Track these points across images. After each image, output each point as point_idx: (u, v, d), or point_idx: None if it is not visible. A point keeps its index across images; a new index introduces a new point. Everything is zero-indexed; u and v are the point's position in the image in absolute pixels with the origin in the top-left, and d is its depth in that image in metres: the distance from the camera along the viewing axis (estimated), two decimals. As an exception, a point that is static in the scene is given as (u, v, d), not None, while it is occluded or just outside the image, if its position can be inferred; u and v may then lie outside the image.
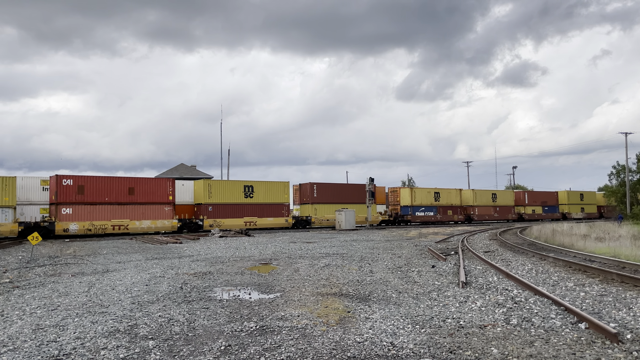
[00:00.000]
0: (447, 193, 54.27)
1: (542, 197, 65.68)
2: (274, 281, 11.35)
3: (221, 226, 36.15)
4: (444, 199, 53.62)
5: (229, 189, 37.55)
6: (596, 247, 18.96)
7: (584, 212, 68.76)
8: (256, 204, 38.63)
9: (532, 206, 63.26)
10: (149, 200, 33.51)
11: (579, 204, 68.71)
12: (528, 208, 62.66)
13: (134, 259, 17.05)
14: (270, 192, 39.49)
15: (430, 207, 51.92)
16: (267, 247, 21.48)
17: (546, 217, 64.48)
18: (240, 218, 37.60)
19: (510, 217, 60.02)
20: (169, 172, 59.74)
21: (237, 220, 37.39)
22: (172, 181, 34.77)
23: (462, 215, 55.11)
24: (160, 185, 34.31)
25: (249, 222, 38.04)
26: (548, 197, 66.36)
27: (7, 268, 14.89)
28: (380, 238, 28.37)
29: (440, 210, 53.01)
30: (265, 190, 39.18)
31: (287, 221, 40.13)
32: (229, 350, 5.84)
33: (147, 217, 33.33)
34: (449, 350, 5.72)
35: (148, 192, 33.52)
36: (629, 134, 58.12)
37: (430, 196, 52.36)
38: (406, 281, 11.12)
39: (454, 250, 18.88)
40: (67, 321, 7.38)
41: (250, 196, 38.39)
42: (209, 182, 36.86)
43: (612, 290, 9.42)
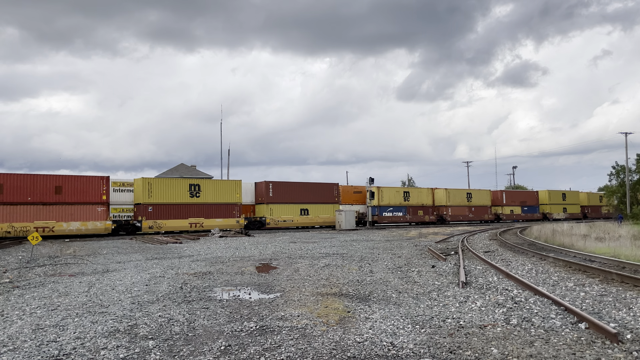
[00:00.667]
0: (417, 192, 52.12)
1: (521, 197, 63.26)
2: (274, 281, 11.35)
3: (162, 228, 33.67)
4: (414, 199, 51.13)
5: (173, 188, 34.80)
6: (596, 247, 18.96)
7: (566, 212, 66.48)
8: (203, 204, 35.90)
9: (511, 206, 60.84)
10: (79, 200, 30.94)
11: (560, 204, 66.42)
12: (506, 208, 60.24)
13: (133, 259, 17.05)
14: (220, 192, 36.91)
15: (399, 207, 49.30)
16: (267, 247, 21.48)
17: (525, 218, 62.05)
18: (184, 219, 35.00)
19: (486, 217, 57.51)
20: (168, 172, 59.76)
21: (181, 222, 34.81)
22: (107, 179, 32.30)
23: (433, 215, 52.74)
24: (93, 184, 31.60)
25: (194, 223, 35.42)
26: (528, 197, 64.02)
27: (7, 268, 14.89)
28: (380, 238, 28.38)
29: (410, 210, 50.54)
30: (214, 189, 36.65)
31: (238, 222, 37.31)
32: (229, 350, 5.84)
33: (76, 218, 30.67)
34: (449, 350, 5.72)
35: (78, 191, 30.91)
36: (629, 134, 58.16)
37: (399, 196, 49.97)
38: (406, 281, 11.12)
39: (454, 250, 18.88)
40: (67, 321, 7.38)
41: (197, 195, 35.68)
42: (149, 180, 33.93)
43: (612, 290, 9.42)
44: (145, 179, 33.65)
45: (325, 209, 43.23)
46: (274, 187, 40.29)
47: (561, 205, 66.24)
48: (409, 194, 50.92)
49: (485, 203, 57.75)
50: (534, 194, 65.01)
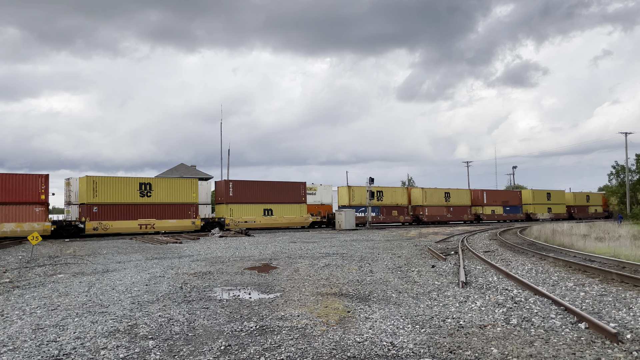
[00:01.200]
0: (392, 192, 49.57)
1: (503, 197, 60.83)
2: (273, 281, 11.35)
3: (108, 230, 31.50)
4: (388, 199, 48.74)
5: (120, 187, 32.52)
6: (596, 247, 18.96)
7: (551, 212, 64.44)
8: (155, 204, 33.62)
9: (492, 206, 58.46)
10: (13, 199, 28.47)
11: (545, 204, 64.31)
12: (487, 208, 57.77)
13: (133, 259, 17.05)
14: (174, 191, 34.58)
15: (372, 207, 46.61)
16: (267, 247, 21.48)
17: (507, 218, 59.89)
18: (134, 220, 32.70)
19: (465, 217, 55.51)
20: (168, 172, 59.75)
21: (129, 223, 32.47)
22: (45, 178, 29.79)
23: (409, 215, 50.66)
24: (29, 182, 29.05)
25: (145, 224, 33.02)
26: (510, 197, 61.66)
27: (7, 268, 14.89)
28: (380, 238, 28.38)
29: (384, 210, 48.33)
30: (167, 188, 34.28)
31: (194, 223, 35.20)
32: (229, 350, 5.84)
33: (11, 219, 28.38)
34: (449, 350, 5.72)
35: (12, 190, 28.48)
36: (629, 133, 58.18)
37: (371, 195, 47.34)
38: (406, 281, 11.12)
39: (454, 250, 18.88)
40: (67, 321, 7.38)
41: (148, 195, 33.32)
42: (94, 178, 31.72)
43: (612, 290, 9.42)
44: (89, 177, 31.61)
45: (291, 209, 41.03)
46: (235, 186, 38.18)
47: (545, 205, 64.41)
48: (383, 193, 48.58)
49: (465, 203, 55.91)
50: (517, 194, 63.15)
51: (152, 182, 34.00)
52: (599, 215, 70.26)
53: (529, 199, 62.74)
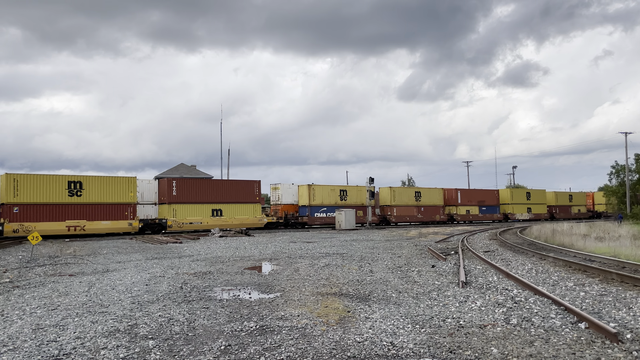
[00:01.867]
0: (356, 191, 47.02)
1: (479, 196, 57.69)
2: (274, 281, 11.35)
3: (31, 231, 26.69)
4: (352, 198, 46.32)
5: (46, 186, 29.69)
6: (596, 246, 18.97)
7: (530, 212, 61.83)
8: (86, 204, 30.84)
9: (467, 206, 55.55)
10: None
11: (524, 204, 61.67)
12: (461, 208, 54.95)
13: (134, 259, 17.05)
14: (108, 190, 31.83)
15: (334, 207, 44.25)
16: (267, 247, 21.49)
17: (483, 219, 57.12)
18: (61, 221, 29.85)
19: (437, 218, 52.90)
20: (168, 172, 59.77)
21: (56, 225, 29.50)
22: None
23: (375, 216, 47.96)
24: None
25: (74, 226, 30.10)
26: (486, 196, 58.51)
27: (7, 268, 14.89)
28: (380, 238, 28.39)
29: None
30: (100, 186, 31.51)
31: (131, 225, 32.28)
32: (229, 350, 5.84)
33: None
34: (449, 350, 5.72)
35: None
36: (629, 133, 58.11)
37: (334, 195, 45.27)
38: (406, 281, 11.12)
39: (454, 250, 18.88)
40: (67, 321, 7.39)
41: (78, 194, 30.59)
42: (14, 176, 28.95)
43: (612, 290, 9.42)
44: (9, 175, 28.88)
45: (243, 210, 38.09)
46: (179, 184, 35.32)
47: (525, 205, 61.82)
48: (347, 192, 46.24)
49: (437, 203, 53.37)
50: (494, 193, 60.04)
51: (82, 180, 31.23)
52: (582, 215, 68.58)
53: (507, 199, 60.44)
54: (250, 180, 39.48)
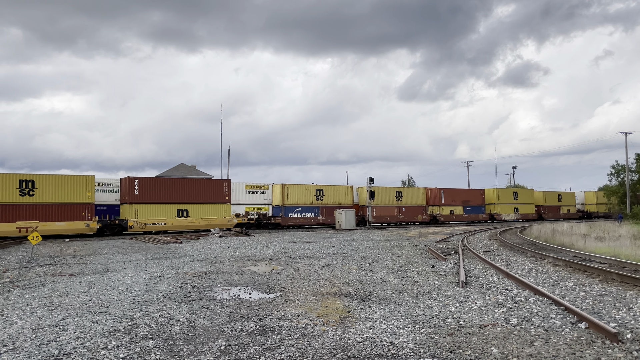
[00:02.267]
0: (334, 191, 44.92)
1: (464, 196, 55.68)
2: (274, 281, 11.35)
3: None
4: (329, 198, 44.32)
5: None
6: (596, 246, 18.96)
7: (517, 212, 60.12)
8: (39, 204, 29.15)
9: (451, 206, 53.64)
10: None
11: (511, 204, 59.90)
12: (444, 208, 53.09)
13: (134, 259, 17.05)
14: (64, 189, 29.97)
15: (309, 208, 42.58)
16: (267, 247, 21.49)
17: (468, 219, 55.27)
18: (11, 222, 28.17)
19: (419, 218, 50.66)
20: (169, 172, 59.78)
21: (5, 226, 27.90)
22: None
23: None
24: None
25: (25, 227, 28.27)
26: (471, 196, 56.64)
27: (7, 268, 14.89)
28: (380, 238, 28.40)
29: (324, 211, 43.73)
30: (54, 186, 29.69)
31: (88, 226, 30.48)
32: (229, 349, 5.84)
33: None
34: (449, 350, 5.72)
35: None
36: (629, 133, 58.12)
37: (310, 194, 43.04)
38: (406, 281, 11.12)
39: (454, 249, 18.89)
40: (67, 321, 7.39)
41: (30, 194, 28.93)
42: None
43: (612, 290, 9.42)
44: None
45: (212, 210, 36.17)
46: (141, 183, 33.48)
47: (512, 205, 60.09)
48: (323, 192, 44.11)
49: (419, 202, 51.30)
50: (479, 193, 57.99)
51: (35, 179, 29.50)
52: (572, 215, 66.73)
53: (493, 198, 58.31)
54: (219, 179, 37.87)
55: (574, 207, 68.10)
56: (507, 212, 58.99)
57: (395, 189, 50.28)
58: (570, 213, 66.88)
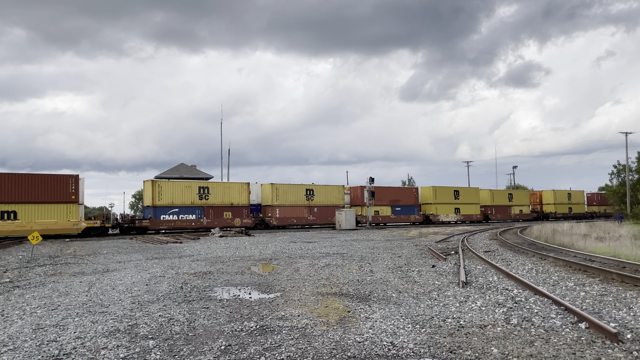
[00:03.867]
0: (224, 189, 38.19)
1: (393, 194, 49.01)
2: (274, 281, 11.35)
3: None
4: (218, 197, 37.41)
5: None
6: (596, 246, 18.95)
7: (459, 213, 53.84)
8: None
9: (377, 206, 46.90)
10: None
11: (451, 204, 53.41)
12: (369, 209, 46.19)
13: (134, 259, 17.05)
14: None
15: (190, 208, 36.04)
16: (267, 247, 21.48)
17: (397, 221, 49.06)
18: None
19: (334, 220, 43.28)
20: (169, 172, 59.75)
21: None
22: None
23: (249, 218, 38.76)
24: None
25: None
26: (402, 195, 50.06)
27: (7, 268, 14.89)
28: (381, 238, 28.40)
29: (211, 212, 36.90)
30: None
31: None
32: (229, 349, 5.84)
33: None
34: (449, 350, 5.72)
35: None
36: (630, 133, 58.09)
37: (191, 193, 36.23)
38: (406, 281, 11.12)
39: (454, 250, 18.88)
40: (67, 321, 7.39)
41: None
42: None
43: (612, 290, 9.41)
44: None
45: (51, 212, 29.79)
46: None
47: (452, 205, 53.57)
48: (209, 190, 37.27)
49: (335, 202, 44.57)
50: (412, 191, 51.66)
51: None
52: (525, 216, 61.31)
53: (430, 198, 51.78)
54: (62, 175, 30.68)
55: (527, 208, 62.38)
56: (445, 213, 52.60)
57: (306, 187, 43.12)
58: (523, 214, 61.34)
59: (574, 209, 67.28)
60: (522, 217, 61.15)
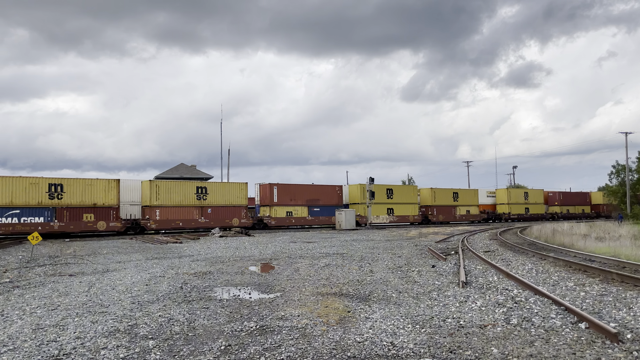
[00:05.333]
0: (85, 186, 31.13)
1: (311, 193, 42.97)
2: (274, 281, 11.35)
3: None
4: (74, 196, 30.66)
5: None
6: (596, 246, 18.95)
7: (392, 214, 47.66)
8: None
9: (289, 206, 41.37)
10: None
11: (384, 204, 47.04)
12: (279, 209, 40.61)
13: (134, 259, 17.05)
14: None
15: (34, 210, 29.38)
16: (267, 247, 21.48)
17: (315, 223, 43.23)
18: None
19: (235, 222, 37.13)
20: (168, 172, 59.75)
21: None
22: None
23: (118, 221, 32.23)
24: None
25: None
26: (322, 193, 43.73)
27: (7, 268, 14.89)
28: (381, 238, 28.40)
29: (66, 213, 30.34)
30: None
31: None
32: (229, 350, 5.84)
33: None
34: (449, 350, 5.72)
35: None
36: (629, 133, 58.09)
37: (37, 191, 29.53)
38: (406, 281, 11.11)
39: (454, 249, 18.88)
40: (67, 321, 7.38)
41: None
42: None
43: (612, 290, 9.41)
44: None
45: None
46: None
47: (384, 205, 47.26)
48: (62, 187, 30.34)
49: (237, 202, 37.73)
50: (335, 190, 44.83)
51: None
52: (473, 217, 55.24)
53: (356, 197, 45.69)
54: None
55: (475, 208, 56.20)
56: (378, 214, 46.40)
57: (197, 185, 36.58)
58: (470, 215, 55.27)
59: (532, 209, 61.79)
60: (470, 218, 54.99)
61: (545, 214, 63.64)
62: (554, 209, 65.60)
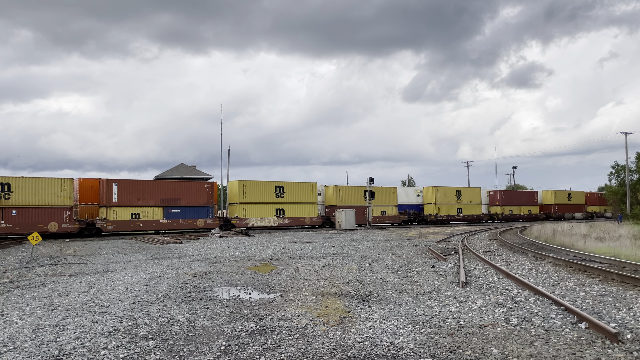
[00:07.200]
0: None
1: (167, 191, 34.83)
2: (274, 281, 11.35)
3: None
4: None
5: None
6: (596, 247, 18.95)
7: (283, 215, 40.72)
8: None
9: (136, 207, 33.26)
10: None
11: (272, 204, 40.01)
12: (120, 210, 32.69)
13: (134, 259, 17.05)
14: None
15: None
16: (267, 247, 21.48)
17: (172, 227, 34.94)
18: None
19: (51, 228, 29.25)
20: (168, 172, 59.75)
21: None
22: None
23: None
24: None
25: None
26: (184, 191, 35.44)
27: (7, 268, 14.89)
28: (381, 238, 28.40)
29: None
30: None
31: None
32: (229, 350, 5.84)
33: None
34: (449, 350, 5.72)
35: None
36: (629, 133, 58.09)
37: None
38: (406, 281, 11.12)
39: (454, 250, 18.88)
40: (67, 321, 7.38)
41: None
42: None
43: (612, 290, 9.41)
44: None
45: None
46: None
47: (272, 205, 40.11)
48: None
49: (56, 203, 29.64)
50: (203, 187, 36.89)
51: None
52: (391, 219, 48.68)
53: (236, 196, 38.66)
54: None
55: (394, 209, 49.05)
56: (260, 216, 39.14)
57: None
58: (387, 216, 48.27)
59: (466, 209, 55.21)
60: (386, 219, 48.24)
61: (482, 215, 57.59)
62: (495, 209, 59.73)
